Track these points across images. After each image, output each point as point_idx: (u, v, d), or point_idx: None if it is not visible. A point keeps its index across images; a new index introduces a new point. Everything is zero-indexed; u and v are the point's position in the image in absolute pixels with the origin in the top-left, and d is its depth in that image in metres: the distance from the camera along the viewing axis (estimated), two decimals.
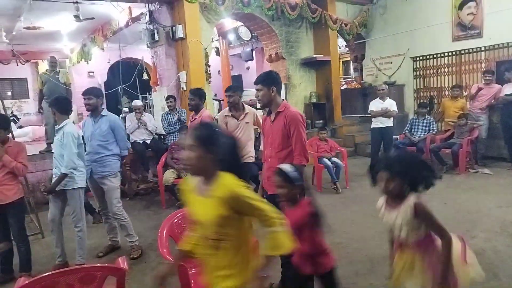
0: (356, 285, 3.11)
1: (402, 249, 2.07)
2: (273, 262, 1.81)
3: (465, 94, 7.94)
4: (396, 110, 6.77)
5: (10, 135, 3.79)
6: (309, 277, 2.34)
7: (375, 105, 6.74)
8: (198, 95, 4.73)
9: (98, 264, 2.06)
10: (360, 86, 10.33)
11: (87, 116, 4.02)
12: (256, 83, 2.86)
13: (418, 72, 9.26)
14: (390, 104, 6.67)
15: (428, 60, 9.02)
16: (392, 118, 6.71)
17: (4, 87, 12.07)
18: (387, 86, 7.13)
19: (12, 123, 5.94)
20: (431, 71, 9.01)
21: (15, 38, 8.89)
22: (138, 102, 6.75)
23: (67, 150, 3.50)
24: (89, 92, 3.89)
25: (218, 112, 10.42)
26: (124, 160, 4.96)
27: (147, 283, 3.33)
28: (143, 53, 9.71)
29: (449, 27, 8.39)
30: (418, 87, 9.31)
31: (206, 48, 7.08)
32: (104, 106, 4.49)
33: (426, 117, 7.13)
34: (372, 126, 6.83)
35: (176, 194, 5.31)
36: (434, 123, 7.15)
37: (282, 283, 3.03)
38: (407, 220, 1.92)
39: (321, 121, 8.69)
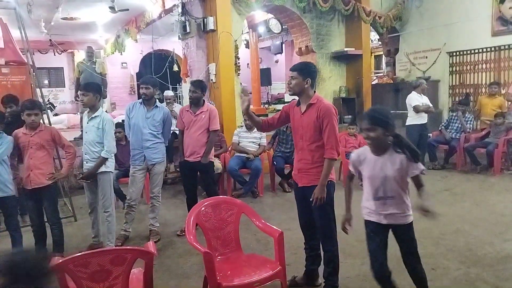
0: None
1: None
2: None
3: (503, 91, 7.60)
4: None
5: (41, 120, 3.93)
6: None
7: (417, 99, 6.49)
8: (201, 87, 4.25)
9: (129, 247, 2.12)
10: (392, 81, 10.08)
11: (139, 103, 4.09)
12: (292, 70, 2.79)
13: (454, 68, 8.92)
14: (427, 100, 6.52)
15: (465, 56, 8.67)
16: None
17: (42, 76, 12.54)
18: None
19: (48, 111, 6.20)
20: (468, 67, 8.67)
21: (53, 28, 9.21)
22: (169, 93, 6.86)
23: (109, 136, 3.69)
24: (147, 82, 4.01)
25: None
26: None
27: (173, 268, 3.42)
28: (174, 44, 9.85)
29: (489, 22, 8.02)
30: (454, 83, 8.98)
31: (236, 40, 7.08)
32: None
33: (466, 115, 6.89)
34: (412, 123, 6.56)
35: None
36: (472, 121, 6.92)
37: (306, 277, 3.03)
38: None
39: (350, 116, 8.55)
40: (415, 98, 6.50)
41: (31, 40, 5.42)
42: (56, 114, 11.01)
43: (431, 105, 6.53)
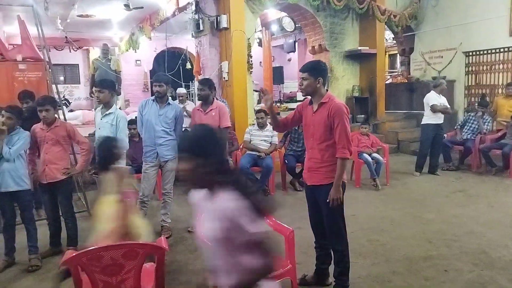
0: (392, 283, 3.04)
1: None
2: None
3: None
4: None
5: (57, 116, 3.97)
6: None
7: (435, 99, 6.42)
8: (208, 85, 4.26)
9: (141, 242, 2.15)
10: (406, 81, 9.96)
11: (152, 100, 4.13)
12: (302, 71, 2.77)
13: (470, 68, 8.78)
14: (445, 101, 6.48)
15: (481, 56, 8.52)
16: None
17: (57, 73, 12.71)
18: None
19: (63, 107, 6.29)
20: (485, 67, 8.52)
21: (68, 26, 9.35)
22: (182, 90, 6.90)
23: (122, 133, 3.76)
24: (160, 79, 4.03)
25: (258, 104, 10.53)
26: None
27: (184, 264, 3.46)
28: (187, 42, 9.90)
29: (507, 21, 7.86)
30: (470, 83, 8.84)
31: (249, 38, 7.09)
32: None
33: (484, 116, 6.78)
34: (427, 122, 6.48)
35: None
36: (490, 122, 6.81)
37: (316, 276, 3.03)
38: None
39: (363, 115, 8.49)
40: (433, 98, 6.42)
41: (47, 37, 5.50)
42: (71, 110, 11.17)
43: (448, 106, 6.47)
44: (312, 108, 2.81)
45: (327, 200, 2.68)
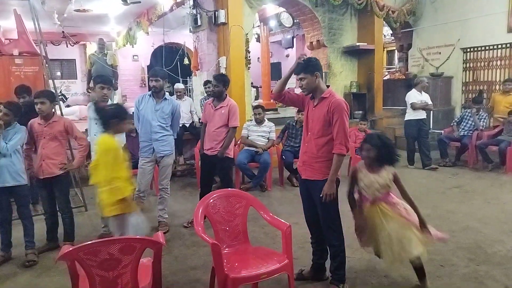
0: (389, 278, 3.06)
1: (373, 203, 2.79)
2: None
3: None
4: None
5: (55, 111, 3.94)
6: None
7: (415, 97, 6.59)
8: (223, 81, 4.28)
9: (138, 237, 2.15)
10: (404, 77, 9.96)
11: (149, 95, 4.11)
12: (297, 73, 2.78)
13: (468, 64, 8.80)
14: (427, 97, 6.68)
15: (479, 52, 8.54)
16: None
17: (54, 68, 12.63)
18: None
19: (60, 102, 6.27)
20: (482, 64, 8.53)
21: (65, 20, 9.25)
22: (180, 86, 6.88)
23: None
24: (157, 74, 4.01)
25: (256, 99, 10.51)
26: None
27: (181, 259, 3.46)
28: (185, 38, 9.85)
29: (505, 17, 7.87)
30: (467, 80, 8.85)
31: (247, 34, 7.06)
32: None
33: (480, 112, 6.80)
34: (409, 118, 6.65)
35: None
36: (486, 119, 6.84)
37: (313, 270, 3.04)
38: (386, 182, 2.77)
39: (360, 111, 8.50)
40: (413, 96, 6.62)
41: (44, 32, 5.47)
42: (68, 106, 11.11)
43: (430, 102, 6.66)
44: (313, 102, 2.82)
45: (321, 195, 2.69)
